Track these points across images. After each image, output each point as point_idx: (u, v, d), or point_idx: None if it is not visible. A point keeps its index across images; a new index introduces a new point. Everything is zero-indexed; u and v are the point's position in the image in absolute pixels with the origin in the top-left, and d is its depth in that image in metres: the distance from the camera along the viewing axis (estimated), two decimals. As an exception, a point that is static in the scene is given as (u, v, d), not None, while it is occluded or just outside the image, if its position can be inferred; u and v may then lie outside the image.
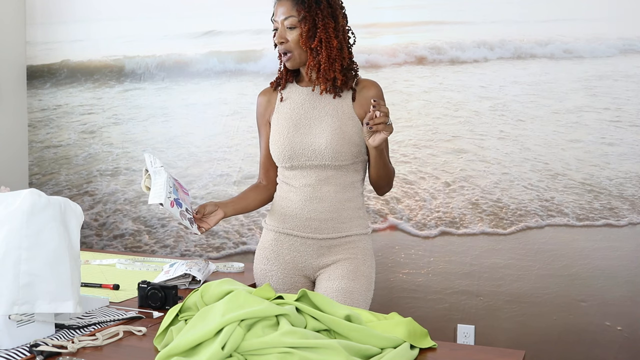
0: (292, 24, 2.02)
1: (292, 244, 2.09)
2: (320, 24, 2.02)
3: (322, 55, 2.02)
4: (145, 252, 3.58)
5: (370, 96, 2.06)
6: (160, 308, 1.78)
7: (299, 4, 2.02)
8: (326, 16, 2.03)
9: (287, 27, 2.03)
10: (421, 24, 3.17)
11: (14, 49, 3.75)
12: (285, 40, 2.03)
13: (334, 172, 2.04)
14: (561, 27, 3.00)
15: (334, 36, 2.04)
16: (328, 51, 2.03)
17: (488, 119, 3.07)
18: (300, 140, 2.04)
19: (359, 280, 2.05)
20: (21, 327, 1.47)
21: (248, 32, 3.41)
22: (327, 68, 2.03)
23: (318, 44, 2.02)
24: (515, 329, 3.04)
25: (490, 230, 3.07)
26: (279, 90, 2.14)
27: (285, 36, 2.03)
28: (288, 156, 2.06)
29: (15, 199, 1.47)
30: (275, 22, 2.06)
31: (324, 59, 2.02)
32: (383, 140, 1.91)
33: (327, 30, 2.02)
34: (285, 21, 2.03)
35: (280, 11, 2.04)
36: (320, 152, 2.02)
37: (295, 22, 2.02)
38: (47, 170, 3.79)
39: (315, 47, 2.02)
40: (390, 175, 2.10)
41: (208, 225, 2.08)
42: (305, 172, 2.06)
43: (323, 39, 2.02)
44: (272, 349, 1.29)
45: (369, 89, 2.08)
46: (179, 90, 3.55)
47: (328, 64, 2.02)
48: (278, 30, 2.05)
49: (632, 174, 2.91)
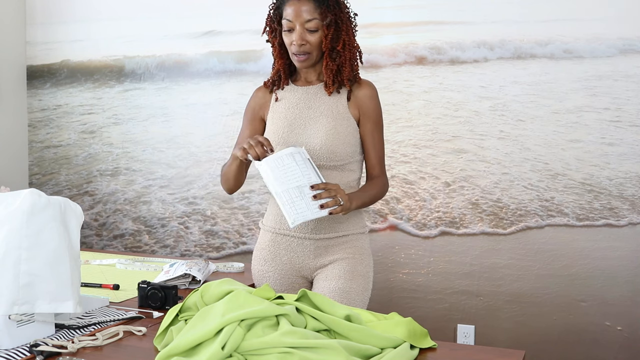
0: (316, 27, 1.99)
1: (289, 245, 2.09)
2: (343, 26, 2.01)
3: (345, 57, 2.01)
4: (145, 252, 3.58)
5: (363, 96, 2.06)
6: (160, 308, 1.78)
7: (322, 7, 1.98)
8: (347, 18, 2.03)
9: (307, 30, 1.99)
10: (421, 24, 3.17)
11: (14, 49, 3.75)
12: (306, 42, 2.00)
13: (329, 172, 2.03)
14: (561, 27, 3.00)
15: (354, 37, 2.05)
16: (351, 53, 2.03)
17: (488, 119, 3.07)
18: (295, 140, 2.04)
19: (356, 280, 2.05)
20: (21, 327, 1.47)
21: (248, 32, 3.40)
22: (349, 70, 2.03)
23: (342, 46, 2.01)
24: (515, 329, 3.04)
25: (490, 230, 3.07)
26: (275, 90, 2.14)
27: (306, 38, 1.99)
28: None
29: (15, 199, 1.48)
30: (289, 21, 2.00)
31: (347, 61, 2.02)
32: (336, 213, 1.88)
33: (348, 32, 2.02)
34: (307, 23, 1.98)
35: (299, 12, 1.98)
36: (315, 153, 2.01)
37: (319, 24, 1.98)
38: (47, 170, 3.79)
39: (338, 50, 2.01)
40: (375, 200, 2.09)
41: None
42: None
43: (346, 41, 2.01)
44: (272, 349, 1.29)
45: (363, 88, 2.07)
46: (179, 90, 3.55)
47: (349, 66, 2.02)
48: (295, 31, 1.99)
49: (632, 174, 2.91)
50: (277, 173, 1.88)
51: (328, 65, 2.03)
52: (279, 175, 1.88)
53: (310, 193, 1.86)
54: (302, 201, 1.86)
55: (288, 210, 1.85)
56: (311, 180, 1.88)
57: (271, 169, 1.88)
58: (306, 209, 1.85)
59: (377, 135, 2.09)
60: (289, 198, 1.86)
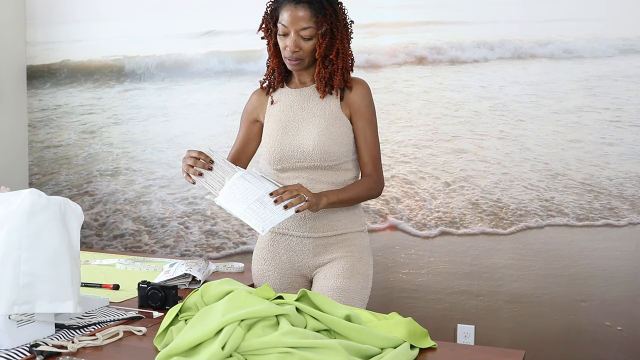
0: (310, 35, 1.99)
1: (288, 244, 2.10)
2: (338, 36, 2.01)
3: (337, 66, 2.02)
4: (145, 252, 3.58)
5: (354, 94, 2.06)
6: (160, 308, 1.78)
7: (318, 16, 1.98)
8: (342, 27, 2.03)
9: (302, 37, 1.99)
10: (421, 24, 3.17)
11: (14, 49, 3.75)
12: (299, 49, 2.00)
13: (324, 172, 2.04)
14: (561, 27, 3.00)
15: (348, 46, 2.05)
16: (344, 62, 2.03)
17: (488, 119, 3.07)
18: (289, 142, 2.05)
19: (355, 279, 2.05)
20: (21, 327, 1.47)
21: (248, 32, 3.39)
22: (341, 78, 2.03)
23: (335, 55, 2.01)
24: (515, 329, 3.04)
25: (490, 230, 3.07)
26: (270, 93, 2.15)
27: (300, 45, 2.00)
28: (278, 158, 2.07)
29: (15, 199, 1.48)
30: (284, 26, 2.00)
31: (339, 69, 2.02)
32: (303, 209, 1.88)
33: (343, 42, 2.03)
34: (302, 31, 1.98)
35: (295, 19, 1.98)
36: (309, 154, 2.02)
37: (314, 33, 1.99)
38: (47, 170, 3.79)
39: (331, 58, 2.02)
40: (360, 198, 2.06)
41: None
42: (296, 173, 2.06)
43: (340, 50, 2.02)
44: (272, 349, 1.29)
45: (355, 87, 2.07)
46: (179, 90, 3.55)
47: (341, 75, 2.03)
48: (289, 37, 2.00)
49: (632, 174, 2.91)
50: (234, 197, 1.88)
51: (320, 73, 2.04)
52: (236, 198, 1.88)
53: (271, 200, 1.87)
54: (265, 209, 1.86)
55: (255, 222, 1.85)
56: (269, 190, 1.90)
57: (227, 200, 1.89)
58: (271, 214, 1.86)
59: (369, 132, 2.08)
60: (252, 212, 1.86)
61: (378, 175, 2.10)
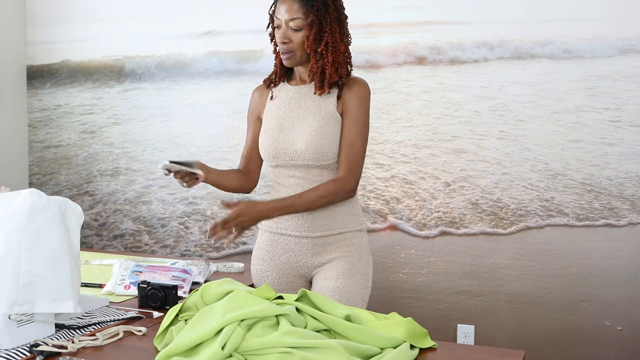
0: (298, 26, 2.00)
1: (287, 244, 2.09)
2: (327, 28, 2.00)
3: (327, 60, 2.01)
4: (145, 252, 3.58)
5: (348, 93, 2.04)
6: (160, 308, 1.79)
7: (306, 7, 1.98)
8: (333, 20, 2.01)
9: (291, 28, 2.00)
10: (421, 24, 3.17)
11: (14, 49, 3.75)
12: (289, 40, 2.01)
13: (319, 170, 2.04)
14: (561, 27, 3.00)
15: (340, 40, 2.03)
16: (334, 56, 2.01)
17: (488, 119, 3.07)
18: (283, 140, 2.05)
19: (355, 279, 2.05)
20: (21, 327, 1.47)
21: (248, 32, 3.40)
22: (332, 72, 2.01)
23: (324, 48, 2.00)
24: (515, 329, 3.04)
25: (490, 230, 3.07)
26: (272, 88, 2.15)
27: (289, 36, 2.01)
28: (272, 155, 2.07)
29: (15, 199, 1.48)
30: (277, 19, 2.02)
31: (329, 63, 2.01)
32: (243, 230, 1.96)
33: (333, 35, 2.01)
34: (290, 22, 1.99)
35: (285, 10, 2.00)
36: (302, 153, 2.02)
37: (302, 24, 1.99)
38: (47, 170, 3.79)
39: (321, 51, 2.01)
40: (320, 204, 2.01)
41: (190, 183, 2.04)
42: (291, 170, 2.06)
43: (330, 43, 2.00)
44: (272, 349, 1.29)
45: (351, 86, 2.05)
46: (179, 90, 3.55)
47: (333, 68, 2.01)
48: (281, 28, 2.02)
49: (632, 174, 2.91)
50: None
51: (312, 67, 2.03)
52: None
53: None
54: None
55: None
56: None
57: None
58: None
59: (353, 132, 2.02)
60: None
61: (351, 177, 2.01)
